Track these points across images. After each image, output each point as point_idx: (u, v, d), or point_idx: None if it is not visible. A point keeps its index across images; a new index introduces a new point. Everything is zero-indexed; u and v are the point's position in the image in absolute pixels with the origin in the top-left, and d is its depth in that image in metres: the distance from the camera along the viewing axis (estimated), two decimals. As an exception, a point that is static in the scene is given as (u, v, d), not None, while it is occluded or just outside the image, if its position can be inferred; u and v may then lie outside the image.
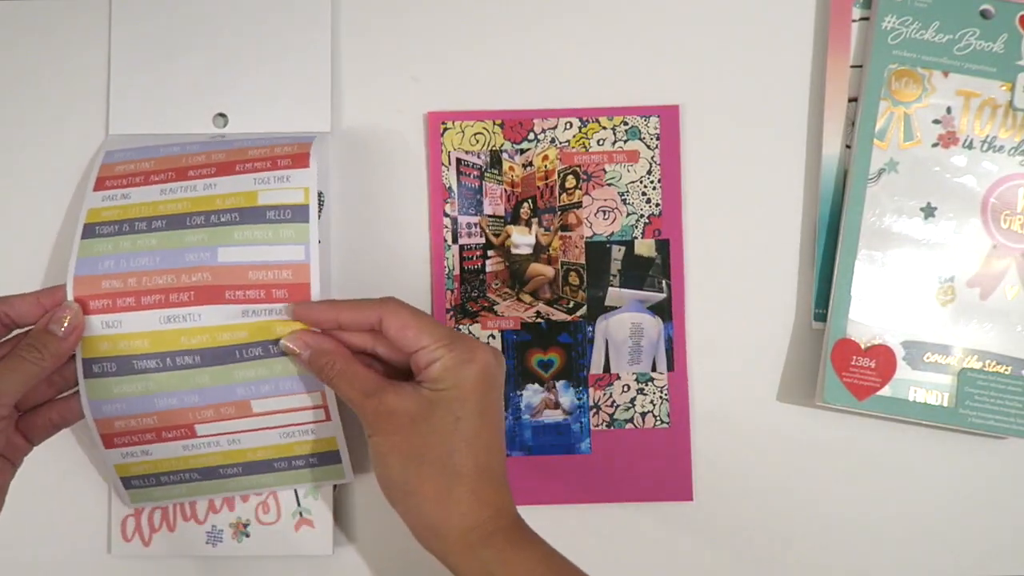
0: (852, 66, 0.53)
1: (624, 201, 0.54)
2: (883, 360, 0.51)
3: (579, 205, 0.54)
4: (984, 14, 0.52)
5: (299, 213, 0.48)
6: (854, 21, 0.54)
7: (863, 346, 0.52)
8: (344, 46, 0.55)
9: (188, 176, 0.50)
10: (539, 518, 0.53)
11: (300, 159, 0.49)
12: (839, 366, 0.51)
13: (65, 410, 0.49)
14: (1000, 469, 0.53)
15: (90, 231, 0.49)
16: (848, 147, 0.53)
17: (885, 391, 0.51)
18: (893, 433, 0.53)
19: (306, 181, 0.49)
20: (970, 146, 0.52)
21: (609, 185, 0.54)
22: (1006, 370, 0.51)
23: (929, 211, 0.52)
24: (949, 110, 0.52)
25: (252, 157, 0.50)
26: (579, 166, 0.54)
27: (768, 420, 0.53)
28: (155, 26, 0.54)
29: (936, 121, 0.52)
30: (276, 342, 0.48)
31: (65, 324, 0.47)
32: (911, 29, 0.52)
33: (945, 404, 0.51)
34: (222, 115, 0.54)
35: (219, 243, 0.48)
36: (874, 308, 0.52)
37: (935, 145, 0.52)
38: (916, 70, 0.52)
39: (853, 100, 0.53)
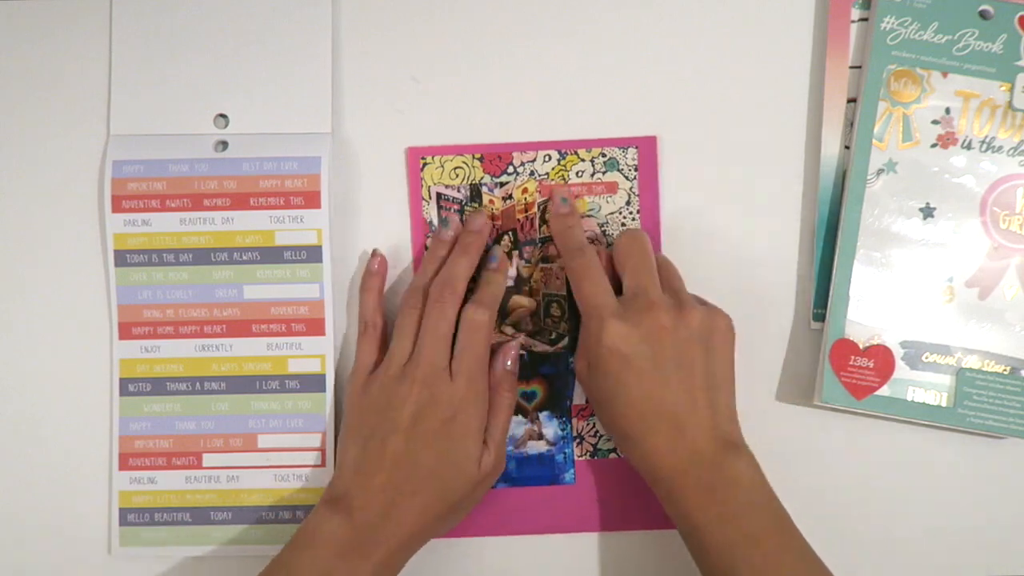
0: (851, 67, 0.53)
1: (604, 232, 0.54)
2: (882, 360, 0.52)
3: None
4: (983, 15, 0.52)
5: (313, 254, 0.53)
6: (853, 22, 0.54)
7: (862, 346, 0.52)
8: (345, 48, 0.55)
9: (204, 206, 0.53)
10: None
11: (311, 199, 0.52)
12: (838, 366, 0.51)
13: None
14: (999, 469, 0.53)
15: (121, 259, 0.53)
16: (847, 148, 0.53)
17: (884, 391, 0.51)
18: (891, 433, 0.53)
19: (318, 223, 0.52)
20: (969, 146, 0.52)
21: (589, 216, 0.54)
22: (1005, 370, 0.52)
23: (928, 211, 0.52)
24: (948, 111, 0.52)
25: (264, 190, 0.52)
26: None
27: (767, 420, 0.53)
28: (156, 26, 0.54)
29: (935, 122, 0.52)
30: (292, 376, 0.52)
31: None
32: (910, 30, 0.52)
33: (944, 404, 0.51)
34: (223, 116, 0.54)
35: (244, 281, 0.53)
36: (873, 308, 0.52)
37: (934, 146, 0.52)
38: (915, 71, 0.52)
39: (852, 101, 0.53)
